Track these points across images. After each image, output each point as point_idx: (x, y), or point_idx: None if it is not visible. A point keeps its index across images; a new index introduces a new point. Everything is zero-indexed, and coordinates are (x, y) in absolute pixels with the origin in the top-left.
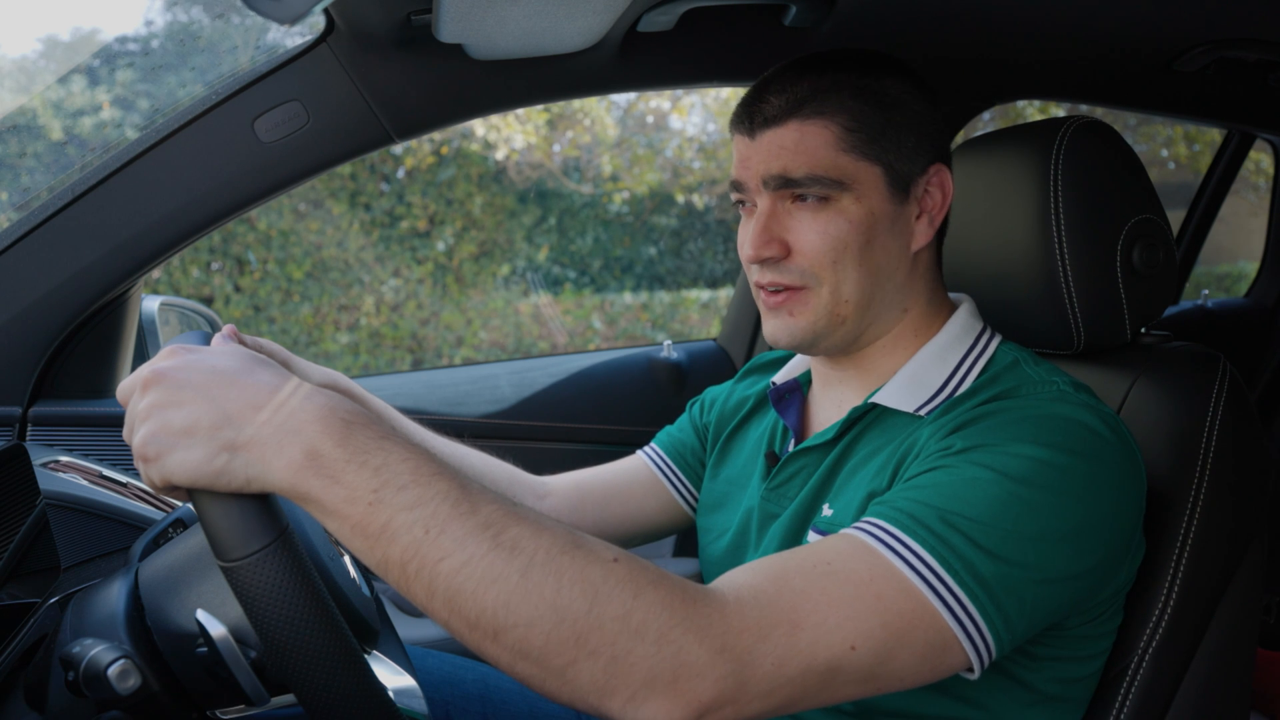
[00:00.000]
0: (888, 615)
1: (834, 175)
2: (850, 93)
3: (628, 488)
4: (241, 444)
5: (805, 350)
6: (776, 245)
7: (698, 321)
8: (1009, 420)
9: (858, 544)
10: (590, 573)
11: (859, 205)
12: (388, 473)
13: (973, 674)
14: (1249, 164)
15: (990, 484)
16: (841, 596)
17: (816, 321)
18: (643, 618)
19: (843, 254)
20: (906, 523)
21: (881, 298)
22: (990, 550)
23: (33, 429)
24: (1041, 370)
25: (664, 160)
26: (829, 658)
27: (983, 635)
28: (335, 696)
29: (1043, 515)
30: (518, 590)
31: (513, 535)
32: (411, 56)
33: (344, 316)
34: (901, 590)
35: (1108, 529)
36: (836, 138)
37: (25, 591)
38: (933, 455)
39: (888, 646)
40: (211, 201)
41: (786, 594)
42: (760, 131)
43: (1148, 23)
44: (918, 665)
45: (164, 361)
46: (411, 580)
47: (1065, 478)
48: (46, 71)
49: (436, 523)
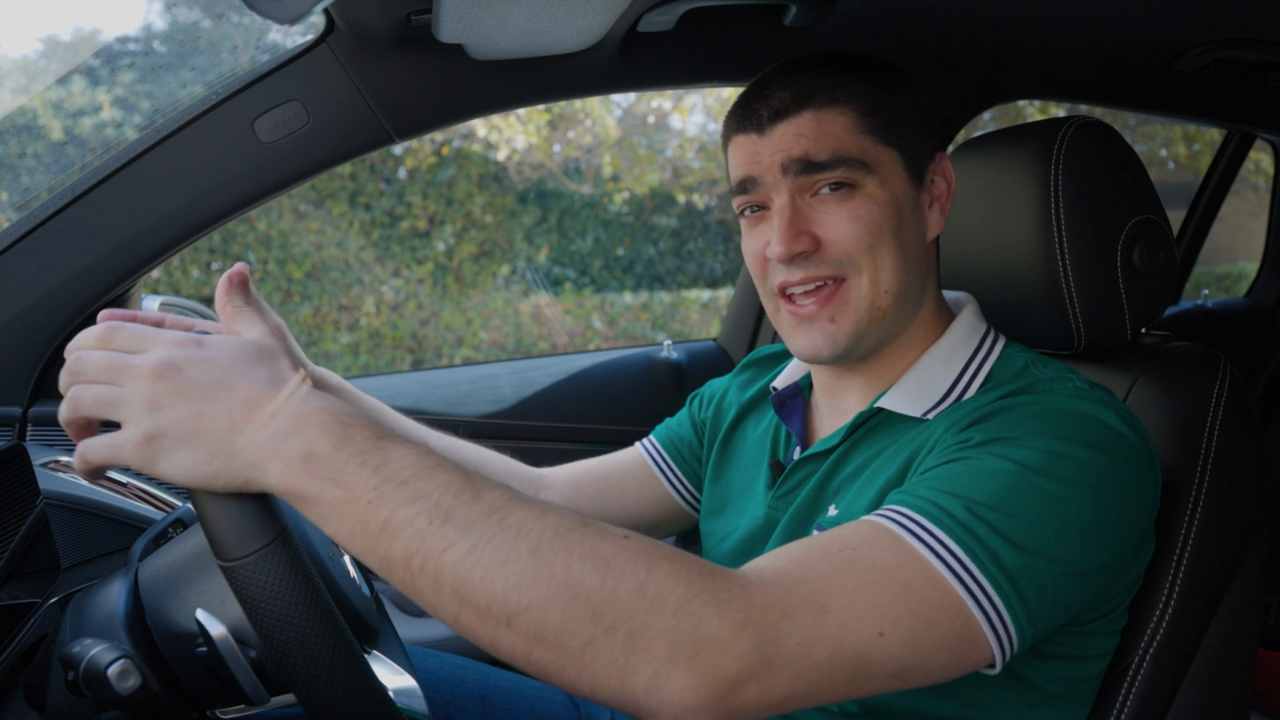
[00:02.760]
0: (915, 603)
1: (857, 156)
2: (858, 82)
3: (623, 481)
4: (239, 446)
5: (843, 360)
6: (806, 239)
7: (698, 321)
8: (1027, 415)
9: (882, 531)
10: (601, 547)
11: (884, 189)
12: (387, 470)
13: (994, 669)
14: (1249, 164)
15: (1011, 475)
16: (868, 582)
17: (859, 320)
18: (659, 589)
19: (879, 239)
20: (932, 511)
21: (912, 290)
22: (1014, 540)
23: (33, 429)
24: (1053, 370)
25: (664, 160)
26: (857, 643)
27: (1006, 628)
28: (335, 696)
29: (1063, 507)
30: (528, 570)
31: (519, 518)
32: (411, 56)
33: (344, 316)
34: (928, 579)
35: (1125, 524)
36: (855, 121)
37: (25, 591)
38: (950, 448)
39: (915, 635)
40: (211, 201)
41: (812, 576)
42: (772, 125)
43: (1148, 23)
44: (946, 657)
45: (179, 354)
46: (417, 575)
47: (1084, 471)
48: (46, 71)
49: (440, 512)
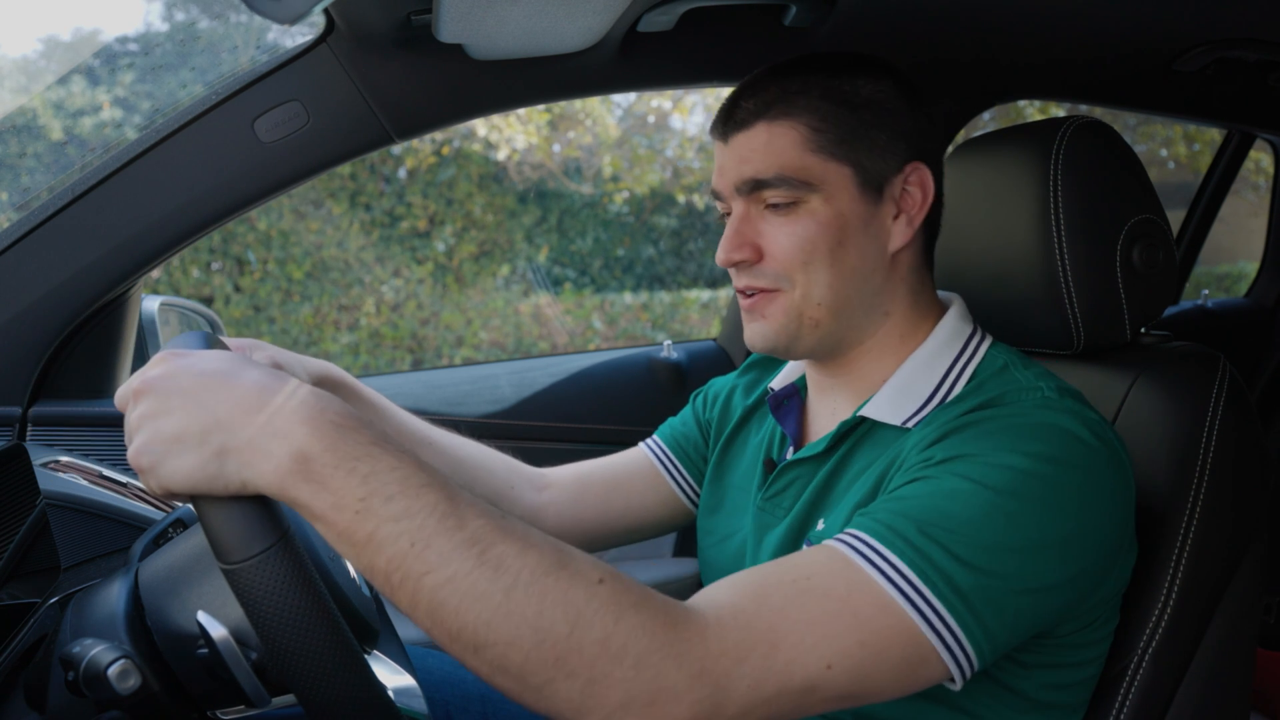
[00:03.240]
0: (864, 633)
1: (801, 176)
2: (819, 93)
3: (628, 481)
4: (232, 448)
5: (782, 354)
6: (748, 249)
7: (698, 321)
8: (991, 430)
9: (837, 556)
10: (573, 595)
11: (827, 206)
12: (375, 481)
13: (954, 684)
14: (1249, 164)
15: (970, 495)
16: (820, 614)
17: (788, 324)
18: (623, 642)
19: (813, 255)
20: (885, 534)
21: (858, 300)
22: (969, 562)
23: (33, 429)
24: (1030, 374)
25: (664, 160)
26: (805, 677)
27: (962, 647)
28: (336, 698)
29: (1024, 526)
30: (500, 610)
31: (498, 553)
32: (411, 56)
33: (344, 316)
34: (879, 606)
35: (1093, 537)
36: (804, 138)
37: (25, 591)
38: (914, 466)
39: (864, 664)
40: (211, 201)
41: (765, 612)
42: (732, 135)
43: (1148, 23)
44: (894, 679)
45: (152, 370)
46: (396, 589)
47: (1047, 487)
48: (46, 71)
49: (423, 536)
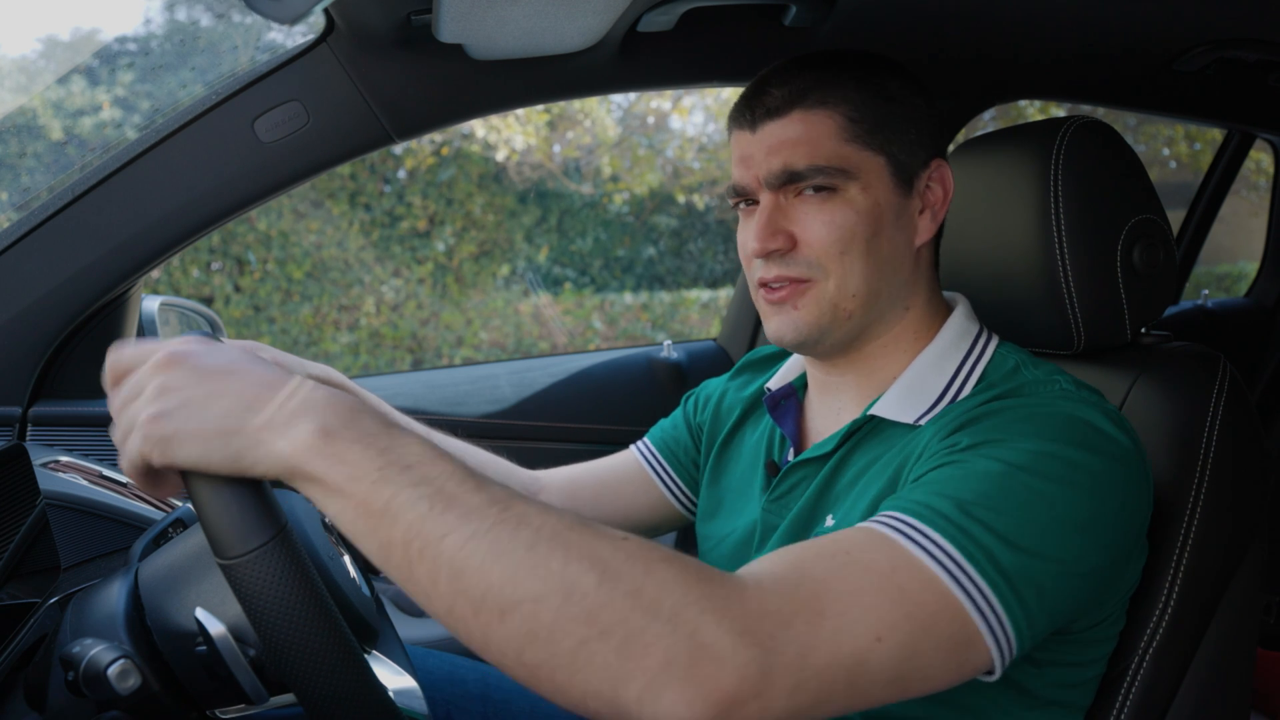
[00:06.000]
0: (911, 607)
1: (839, 164)
2: (853, 84)
3: (619, 484)
4: (253, 426)
5: (809, 349)
6: (782, 237)
7: (698, 321)
8: (1013, 418)
9: (876, 536)
10: (599, 548)
11: (865, 195)
12: (393, 454)
13: (992, 675)
14: (1249, 164)
15: (1002, 475)
16: (864, 586)
17: (821, 316)
18: (655, 594)
19: (850, 245)
20: (924, 513)
21: (887, 293)
22: (1009, 539)
23: (33, 429)
24: (1042, 371)
25: (664, 160)
26: (854, 649)
27: (1005, 630)
28: (335, 695)
29: (1056, 506)
30: (524, 564)
31: (519, 510)
32: (411, 56)
33: (344, 316)
34: (925, 581)
35: (1117, 526)
36: (840, 127)
37: (25, 591)
38: (939, 453)
39: (913, 639)
40: (211, 201)
41: (808, 582)
42: (762, 124)
43: (1148, 23)
44: (944, 662)
45: (183, 346)
46: (415, 561)
47: (1075, 471)
48: (46, 71)
49: (442, 498)
